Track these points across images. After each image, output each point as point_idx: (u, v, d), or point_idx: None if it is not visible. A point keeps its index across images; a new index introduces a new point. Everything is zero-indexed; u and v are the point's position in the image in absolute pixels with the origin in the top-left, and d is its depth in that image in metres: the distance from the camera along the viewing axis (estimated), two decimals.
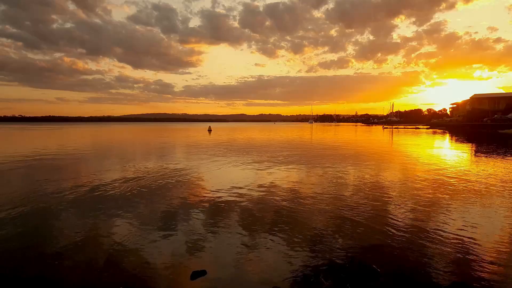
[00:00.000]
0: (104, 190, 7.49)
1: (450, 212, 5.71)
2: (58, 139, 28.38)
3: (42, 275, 3.53)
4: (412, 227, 4.92)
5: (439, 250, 4.09)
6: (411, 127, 68.06)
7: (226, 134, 38.66)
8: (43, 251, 4.17)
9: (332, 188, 7.70)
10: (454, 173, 9.66)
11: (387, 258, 3.89)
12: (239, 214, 5.66)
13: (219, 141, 26.13)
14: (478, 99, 61.13)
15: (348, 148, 19.34)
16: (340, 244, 4.31)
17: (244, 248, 4.20)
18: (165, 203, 6.40)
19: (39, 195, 7.08)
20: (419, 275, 3.50)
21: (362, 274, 3.51)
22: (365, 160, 13.19)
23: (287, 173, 9.95)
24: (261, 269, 3.66)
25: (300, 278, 3.43)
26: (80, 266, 3.75)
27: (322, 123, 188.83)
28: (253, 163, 12.29)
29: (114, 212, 5.82)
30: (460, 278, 3.41)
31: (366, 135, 36.84)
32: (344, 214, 5.60)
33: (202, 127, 74.97)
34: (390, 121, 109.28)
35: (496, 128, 40.72)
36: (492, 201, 6.47)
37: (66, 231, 4.84)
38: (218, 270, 3.62)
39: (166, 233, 4.74)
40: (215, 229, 4.91)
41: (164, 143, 23.65)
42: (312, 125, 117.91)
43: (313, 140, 28.43)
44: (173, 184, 8.31)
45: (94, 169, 10.71)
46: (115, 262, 3.83)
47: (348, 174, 9.80)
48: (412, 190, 7.48)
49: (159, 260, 3.86)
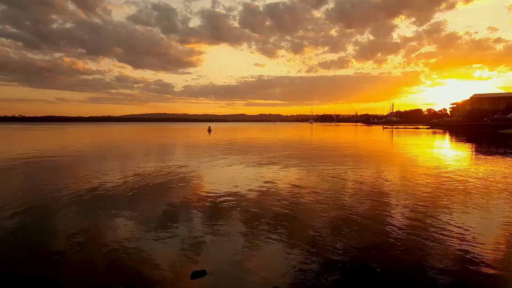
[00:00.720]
0: (104, 190, 7.49)
1: (450, 211, 5.71)
2: (59, 139, 28.39)
3: (42, 275, 3.53)
4: (412, 227, 4.92)
5: (439, 250, 4.09)
6: (411, 127, 68.05)
7: (225, 134, 38.67)
8: (43, 251, 4.17)
9: (332, 188, 7.70)
10: (454, 173, 9.66)
11: (387, 258, 3.89)
12: (239, 214, 5.66)
13: (218, 141, 26.14)
14: (478, 99, 61.14)
15: (348, 148, 19.34)
16: (340, 244, 4.31)
17: (244, 248, 4.20)
18: (165, 203, 6.40)
19: (40, 194, 7.08)
20: (419, 275, 3.50)
21: (362, 274, 3.51)
22: (365, 160, 13.20)
23: (287, 173, 9.95)
24: (261, 269, 3.66)
25: (300, 278, 3.43)
26: (80, 266, 3.75)
27: (322, 123, 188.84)
28: (253, 163, 12.29)
29: (114, 211, 5.82)
30: (460, 278, 3.41)
31: (366, 135, 36.85)
32: (344, 214, 5.60)
33: (202, 127, 74.98)
34: (390, 121, 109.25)
35: (496, 128, 40.72)
36: (492, 201, 6.47)
37: (66, 231, 4.84)
38: (218, 270, 3.62)
39: (166, 233, 4.75)
40: (215, 229, 4.91)
41: (163, 143, 23.65)
42: (312, 125, 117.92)
43: (313, 140, 28.43)
44: (173, 184, 8.31)
45: (94, 169, 10.71)
46: (115, 262, 3.83)
47: (348, 174, 9.80)
48: (412, 190, 7.48)
49: (159, 260, 3.86)
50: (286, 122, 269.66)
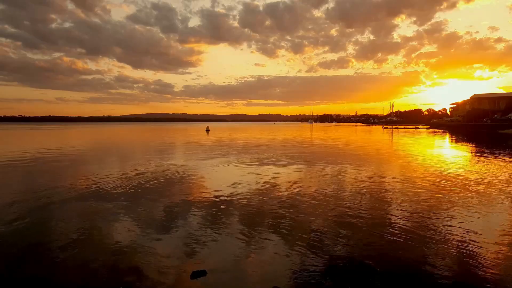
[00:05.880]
0: (104, 190, 7.48)
1: (450, 211, 5.71)
2: (60, 139, 28.37)
3: (42, 275, 3.53)
4: (412, 227, 4.92)
5: (439, 250, 4.09)
6: (411, 127, 68.03)
7: (224, 134, 38.65)
8: (43, 251, 4.17)
9: (332, 188, 7.70)
10: (454, 173, 9.66)
11: (387, 258, 3.89)
12: (239, 214, 5.66)
13: (216, 141, 26.12)
14: (478, 99, 61.15)
15: (348, 148, 19.34)
16: (340, 244, 4.31)
17: (244, 248, 4.20)
18: (165, 203, 6.40)
19: (40, 194, 7.07)
20: (419, 275, 3.50)
21: (362, 274, 3.51)
22: (365, 160, 13.20)
23: (287, 173, 9.95)
24: (261, 269, 3.65)
25: (300, 278, 3.42)
26: (80, 266, 3.75)
27: (322, 123, 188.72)
28: (253, 163, 12.28)
29: (114, 211, 5.82)
30: (460, 278, 3.41)
31: (366, 135, 36.85)
32: (344, 214, 5.60)
33: (201, 127, 74.95)
34: (390, 121, 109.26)
35: (496, 128, 40.73)
36: (492, 201, 6.47)
37: (66, 231, 4.84)
38: (218, 270, 3.61)
39: (166, 233, 4.74)
40: (215, 229, 4.91)
41: (163, 144, 23.64)
42: (312, 125, 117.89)
43: (313, 140, 28.43)
44: (173, 183, 8.30)
45: (94, 169, 10.71)
46: (115, 262, 3.83)
47: (348, 174, 9.79)
48: (412, 189, 7.48)
49: (159, 260, 3.85)
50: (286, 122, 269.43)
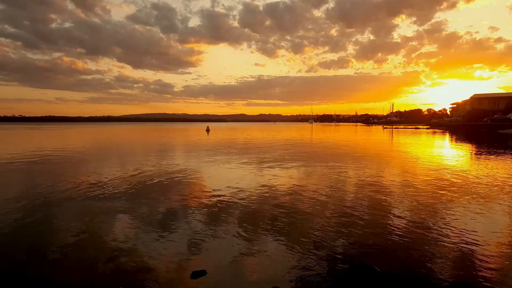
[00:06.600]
0: (104, 190, 7.48)
1: (450, 211, 5.71)
2: (60, 139, 28.37)
3: (42, 275, 3.53)
4: (412, 227, 4.92)
5: (439, 250, 4.09)
6: (411, 127, 68.03)
7: (225, 135, 38.65)
8: (43, 251, 4.16)
9: (332, 188, 7.70)
10: (454, 173, 9.66)
11: (387, 258, 3.89)
12: (239, 214, 5.66)
13: (217, 141, 26.12)
14: (478, 99, 61.16)
15: (348, 148, 19.33)
16: (341, 244, 4.31)
17: (244, 248, 4.20)
18: (165, 203, 6.40)
19: (40, 194, 7.07)
20: (419, 275, 3.50)
21: (363, 274, 3.51)
22: (365, 160, 13.19)
23: (287, 173, 9.95)
24: (261, 269, 3.65)
25: (300, 278, 3.42)
26: (80, 266, 3.75)
27: (322, 123, 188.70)
28: (253, 163, 12.28)
29: (114, 211, 5.82)
30: (461, 278, 3.41)
31: (366, 135, 36.84)
32: (344, 214, 5.60)
33: (201, 127, 74.94)
34: (390, 121, 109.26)
35: (496, 128, 40.73)
36: (492, 201, 6.47)
37: (66, 231, 4.84)
38: (218, 270, 3.61)
39: (166, 233, 4.74)
40: (215, 229, 4.91)
41: (163, 144, 23.64)
42: (312, 125, 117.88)
43: (313, 140, 28.43)
44: (173, 183, 8.30)
45: (95, 169, 10.71)
46: (115, 262, 3.83)
47: (348, 174, 9.79)
48: (412, 189, 7.48)
49: (159, 260, 3.85)
50: (286, 122, 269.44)
